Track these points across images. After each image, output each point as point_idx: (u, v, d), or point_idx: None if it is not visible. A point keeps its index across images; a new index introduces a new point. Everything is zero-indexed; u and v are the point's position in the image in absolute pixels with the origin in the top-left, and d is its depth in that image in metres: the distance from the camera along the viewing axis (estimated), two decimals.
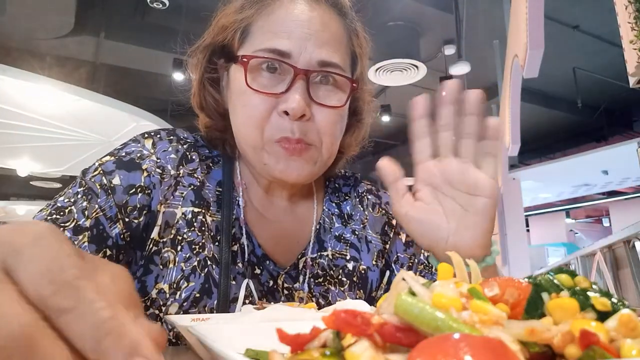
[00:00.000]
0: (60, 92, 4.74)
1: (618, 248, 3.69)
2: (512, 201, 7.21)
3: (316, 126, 0.67)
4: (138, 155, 0.69)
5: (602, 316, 0.25)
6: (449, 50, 5.90)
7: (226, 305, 0.66)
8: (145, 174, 0.68)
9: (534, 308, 0.25)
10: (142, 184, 0.67)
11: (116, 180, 0.66)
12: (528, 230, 7.56)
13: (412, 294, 0.23)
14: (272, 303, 0.60)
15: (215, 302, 0.65)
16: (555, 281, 0.26)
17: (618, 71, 4.65)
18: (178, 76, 4.95)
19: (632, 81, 2.32)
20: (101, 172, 0.66)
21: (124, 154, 0.69)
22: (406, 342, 0.20)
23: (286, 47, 0.65)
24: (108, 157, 0.69)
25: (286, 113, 0.65)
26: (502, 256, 7.03)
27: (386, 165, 0.61)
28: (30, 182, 9.55)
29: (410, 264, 0.82)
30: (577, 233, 14.02)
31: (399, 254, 0.82)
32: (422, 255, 0.83)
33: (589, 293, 0.25)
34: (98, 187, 0.65)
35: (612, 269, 3.79)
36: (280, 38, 0.65)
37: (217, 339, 0.25)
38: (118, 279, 0.25)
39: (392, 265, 0.82)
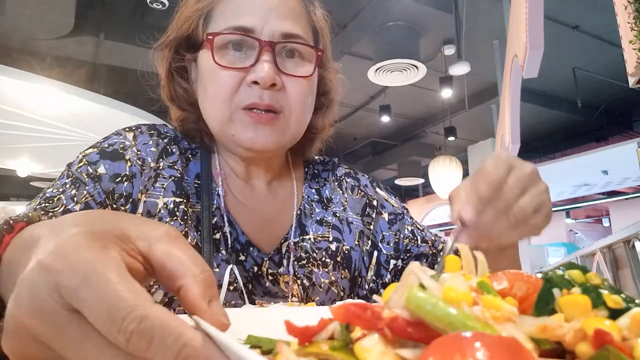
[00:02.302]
0: (60, 93, 4.74)
1: (618, 248, 3.68)
2: None
3: (287, 95, 0.69)
4: (121, 146, 0.71)
5: (613, 313, 0.24)
6: (449, 50, 5.90)
7: None
8: (129, 163, 0.69)
9: (544, 304, 0.24)
10: (127, 173, 0.69)
11: (101, 170, 0.67)
12: None
13: (422, 287, 0.23)
14: (271, 303, 0.59)
15: None
16: (567, 277, 0.26)
17: (618, 71, 4.66)
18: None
19: (631, 81, 2.31)
20: (86, 162, 0.68)
21: (106, 145, 0.71)
22: (417, 336, 0.19)
23: (249, 23, 0.67)
24: (91, 149, 0.71)
25: (256, 83, 0.66)
26: None
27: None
28: (30, 183, 9.54)
29: (397, 240, 0.83)
30: (577, 233, 14.02)
31: (384, 233, 0.84)
32: (406, 229, 0.84)
33: (600, 290, 0.25)
34: (85, 176, 0.66)
35: (612, 269, 3.79)
36: (242, 16, 0.68)
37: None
38: (174, 247, 0.28)
39: (379, 244, 0.83)
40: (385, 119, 7.62)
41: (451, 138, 7.45)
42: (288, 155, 0.85)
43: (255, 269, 0.72)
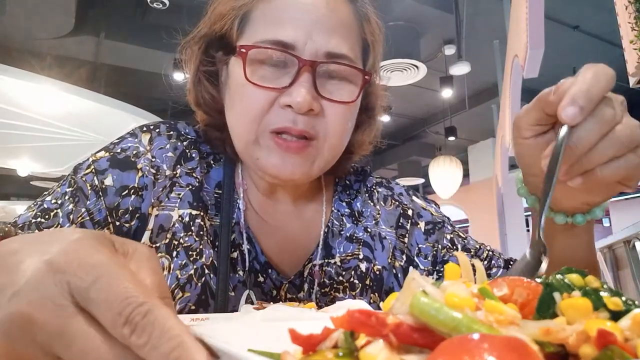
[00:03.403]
0: (60, 92, 4.74)
1: (618, 248, 3.69)
2: (512, 201, 7.20)
3: (324, 120, 0.61)
4: (134, 152, 0.65)
5: (614, 315, 0.24)
6: (449, 50, 5.89)
7: None
8: (140, 174, 0.64)
9: (545, 308, 0.25)
10: (136, 185, 0.63)
11: (108, 181, 0.62)
12: (528, 230, 7.57)
13: (424, 293, 0.23)
14: (271, 303, 0.59)
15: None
16: (567, 281, 0.26)
17: (618, 71, 4.65)
18: (178, 76, 4.96)
19: (632, 81, 2.31)
20: (93, 170, 0.63)
21: (119, 150, 0.65)
22: (422, 342, 0.19)
23: (290, 37, 0.58)
24: (102, 153, 0.65)
25: (289, 107, 0.59)
26: None
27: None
28: (30, 182, 9.54)
29: (434, 252, 0.75)
30: None
31: (420, 245, 0.76)
32: (445, 239, 0.77)
33: (600, 293, 0.25)
34: (88, 187, 0.62)
35: (612, 269, 3.79)
36: (283, 27, 0.59)
37: (217, 339, 0.24)
38: (144, 267, 0.28)
39: (415, 259, 0.76)
40: (385, 119, 7.62)
41: (451, 138, 7.45)
42: None
43: (274, 292, 0.67)
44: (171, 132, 0.70)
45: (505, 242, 7.03)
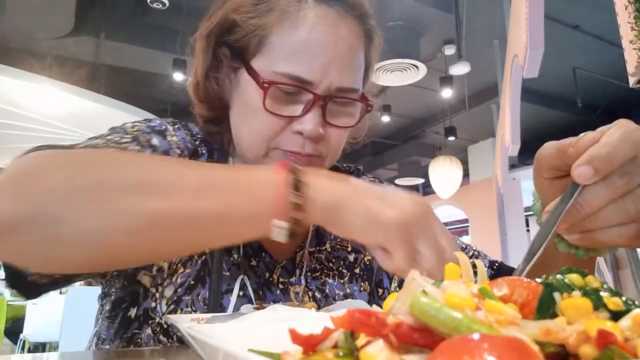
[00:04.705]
0: (60, 92, 4.75)
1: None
2: (512, 201, 7.21)
3: (327, 142, 0.67)
4: (164, 127, 0.71)
5: (614, 315, 0.24)
6: (449, 50, 5.89)
7: (217, 297, 0.66)
8: (170, 146, 0.69)
9: (546, 308, 0.25)
10: (170, 155, 0.68)
11: (155, 141, 0.67)
12: (528, 230, 7.57)
13: (424, 293, 0.23)
14: (271, 303, 0.60)
15: (207, 292, 0.66)
16: (567, 281, 0.26)
17: (618, 71, 4.66)
18: (178, 76, 4.96)
19: (632, 81, 2.31)
20: (139, 130, 0.67)
21: (152, 124, 0.70)
22: (422, 342, 0.19)
23: (309, 75, 0.62)
24: (138, 124, 0.69)
25: (300, 133, 0.64)
26: (502, 256, 7.04)
27: None
28: None
29: None
30: None
31: None
32: None
33: (600, 293, 0.25)
34: (143, 140, 0.65)
35: (612, 269, 3.79)
36: (303, 63, 0.62)
37: (217, 339, 0.24)
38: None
39: None
40: (385, 119, 7.62)
41: (451, 138, 7.45)
42: None
43: (267, 275, 0.71)
44: (187, 130, 0.75)
45: (505, 242, 7.03)
